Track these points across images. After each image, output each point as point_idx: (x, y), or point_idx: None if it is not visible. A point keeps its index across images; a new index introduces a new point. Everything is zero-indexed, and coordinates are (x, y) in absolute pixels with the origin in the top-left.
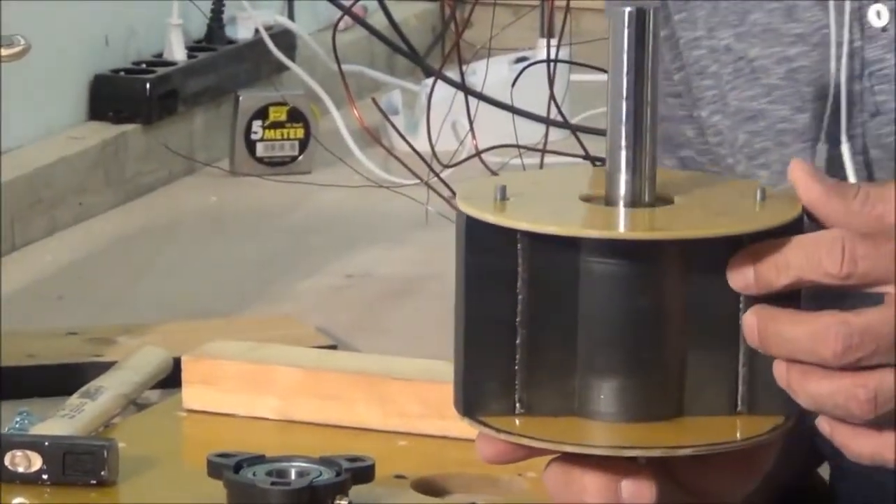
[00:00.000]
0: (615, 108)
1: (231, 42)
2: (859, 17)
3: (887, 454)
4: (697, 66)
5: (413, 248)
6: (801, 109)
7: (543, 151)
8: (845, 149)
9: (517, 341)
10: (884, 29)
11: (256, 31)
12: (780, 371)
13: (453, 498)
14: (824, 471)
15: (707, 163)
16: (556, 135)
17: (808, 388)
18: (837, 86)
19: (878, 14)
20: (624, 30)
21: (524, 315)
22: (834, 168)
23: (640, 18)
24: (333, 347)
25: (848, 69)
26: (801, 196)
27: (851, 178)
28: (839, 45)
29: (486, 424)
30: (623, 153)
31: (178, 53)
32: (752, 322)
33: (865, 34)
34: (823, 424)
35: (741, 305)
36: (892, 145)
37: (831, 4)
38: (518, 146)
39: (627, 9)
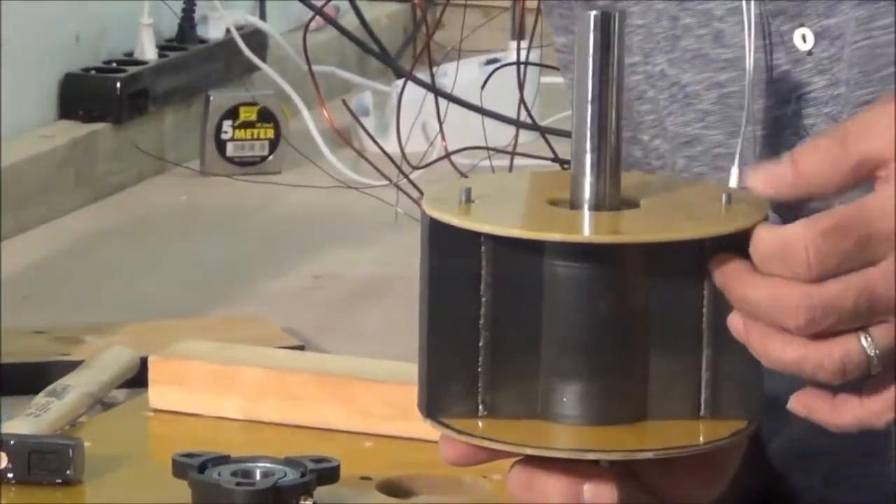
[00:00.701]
0: (580, 111)
1: (202, 42)
2: (783, 41)
3: (876, 422)
4: (636, 92)
5: (381, 250)
6: (735, 134)
7: (513, 154)
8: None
9: (480, 343)
10: (809, 52)
11: (228, 30)
12: (737, 326)
13: (418, 499)
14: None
15: None
16: (526, 137)
17: (771, 353)
18: (765, 110)
19: (804, 37)
20: (589, 33)
21: (488, 317)
22: None
23: (605, 22)
24: (301, 348)
25: (775, 93)
26: (775, 191)
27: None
28: (767, 69)
29: (448, 426)
30: (588, 157)
31: (149, 53)
32: (718, 280)
33: (792, 58)
34: (799, 408)
35: (705, 310)
36: None
37: (749, 29)
38: (487, 148)
39: (593, 12)
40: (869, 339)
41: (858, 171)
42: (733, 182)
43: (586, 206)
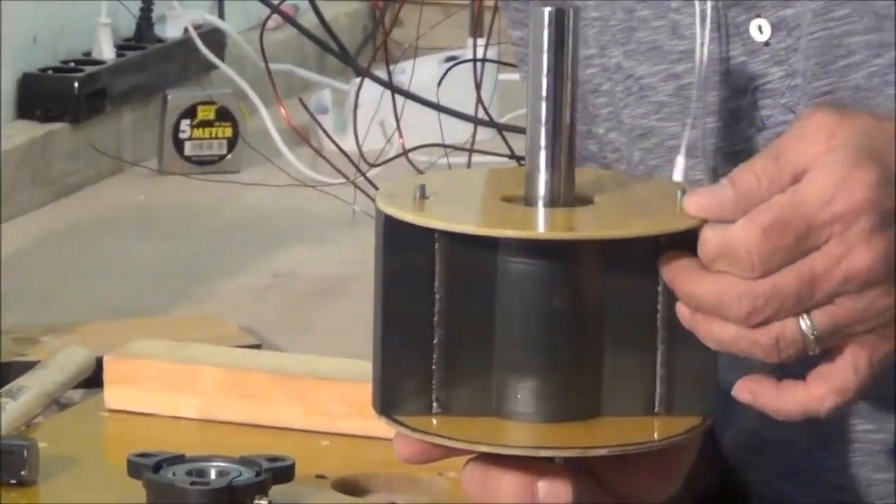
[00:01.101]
0: (534, 108)
1: (160, 41)
2: (740, 32)
3: (820, 408)
4: (591, 85)
5: (339, 248)
6: (691, 126)
7: (471, 151)
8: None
9: (435, 341)
10: (766, 43)
11: (186, 29)
12: (683, 313)
13: (374, 497)
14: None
15: None
16: (485, 134)
17: (712, 332)
18: (722, 101)
19: (760, 28)
20: (543, 29)
21: (442, 314)
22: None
23: (559, 18)
24: (257, 347)
25: (731, 85)
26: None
27: None
28: (723, 60)
29: (402, 424)
30: (542, 153)
31: (107, 52)
32: (666, 277)
33: (748, 49)
34: (744, 394)
35: (659, 306)
36: None
37: (705, 18)
38: (444, 145)
39: (547, 8)
40: (808, 320)
41: (796, 182)
42: (678, 172)
43: (541, 203)
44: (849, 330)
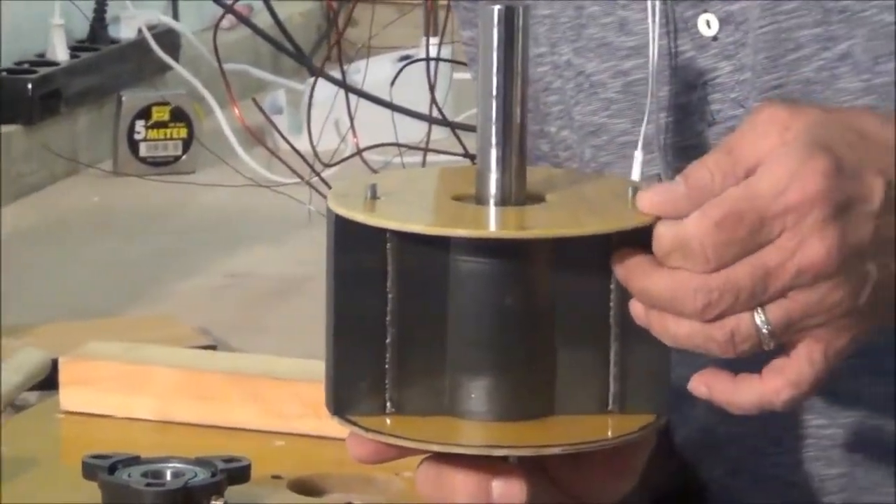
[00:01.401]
0: (485, 106)
1: (114, 42)
2: (688, 27)
3: (775, 400)
4: (543, 83)
5: (294, 248)
6: (640, 122)
7: (425, 150)
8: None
9: (387, 340)
10: (714, 38)
11: (140, 30)
12: (637, 311)
13: (330, 498)
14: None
15: None
16: (440, 133)
17: (667, 328)
18: (672, 96)
19: (708, 23)
20: (493, 28)
21: (394, 314)
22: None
23: (508, 16)
24: (213, 347)
25: (681, 80)
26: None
27: None
28: (672, 56)
29: (355, 424)
30: (493, 151)
31: (61, 53)
32: (619, 274)
33: (697, 44)
34: (700, 387)
35: (611, 304)
36: None
37: (655, 12)
38: (398, 144)
39: (496, 7)
40: (762, 315)
41: (749, 176)
42: (636, 167)
43: (492, 202)
44: (803, 324)
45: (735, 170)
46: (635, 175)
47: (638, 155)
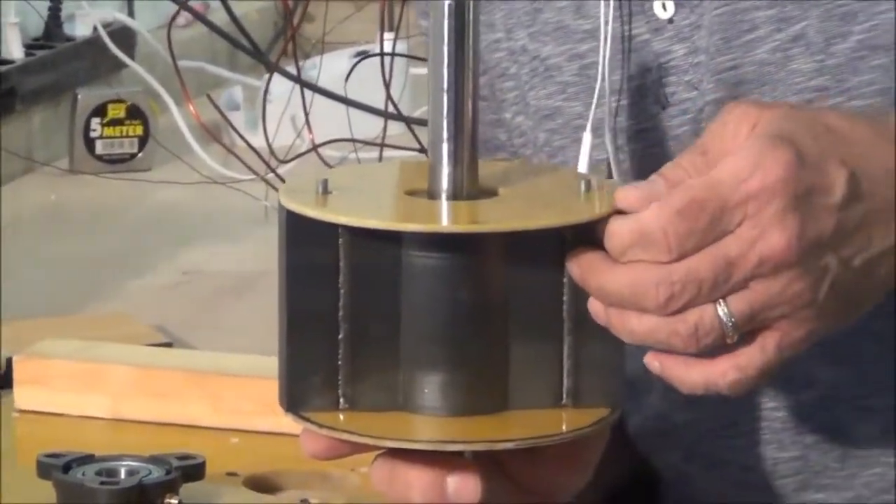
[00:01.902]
0: (436, 100)
1: (69, 39)
2: (644, 9)
3: (720, 381)
4: (499, 69)
5: (250, 245)
6: (596, 104)
7: (381, 145)
8: (608, 139)
9: (340, 336)
10: (670, 20)
11: (95, 28)
12: (596, 309)
13: (285, 494)
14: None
15: None
16: (397, 128)
17: (629, 326)
18: (627, 79)
19: (664, 6)
20: (444, 22)
21: (346, 309)
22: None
23: (459, 10)
24: (168, 345)
25: (636, 63)
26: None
27: (616, 175)
28: (627, 39)
29: (309, 420)
30: (444, 146)
31: (16, 51)
32: (575, 273)
33: (652, 26)
34: (653, 362)
35: (565, 298)
36: (682, 137)
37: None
38: (354, 140)
39: (447, 1)
40: (725, 307)
41: None
42: (584, 150)
43: (444, 196)
44: (765, 315)
45: (709, 168)
46: (583, 158)
47: (587, 137)
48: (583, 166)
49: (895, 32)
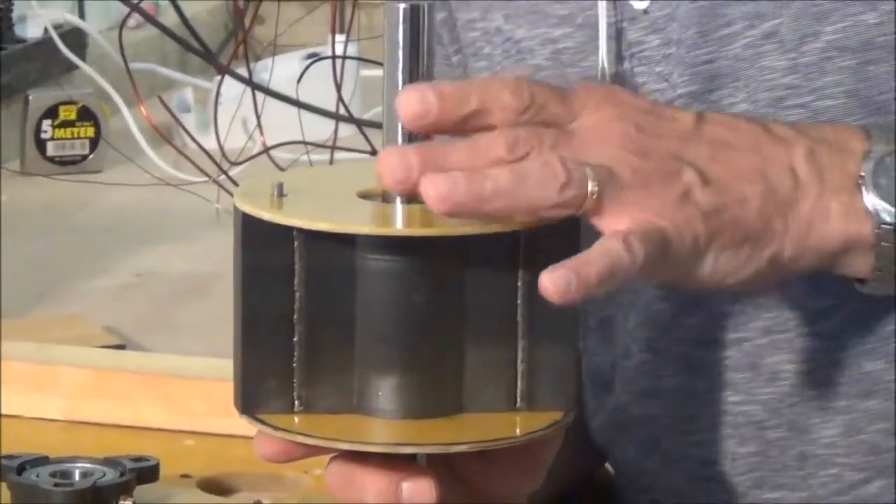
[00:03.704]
0: (391, 104)
1: (20, 41)
2: None
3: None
4: (473, 48)
5: (203, 246)
6: None
7: (333, 148)
8: None
9: (295, 338)
10: (645, 11)
11: (46, 29)
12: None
13: (239, 496)
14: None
15: None
16: (348, 130)
17: (483, 183)
18: (602, 68)
19: None
20: (399, 26)
21: (302, 312)
22: None
23: (414, 15)
24: (122, 347)
25: (609, 51)
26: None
27: None
28: (602, 26)
29: (263, 422)
30: None
31: None
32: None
33: (627, 16)
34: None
35: (519, 301)
36: None
37: None
38: (305, 143)
39: (402, 5)
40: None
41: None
42: None
43: (398, 200)
44: (621, 179)
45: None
46: None
47: None
48: None
49: (864, 35)
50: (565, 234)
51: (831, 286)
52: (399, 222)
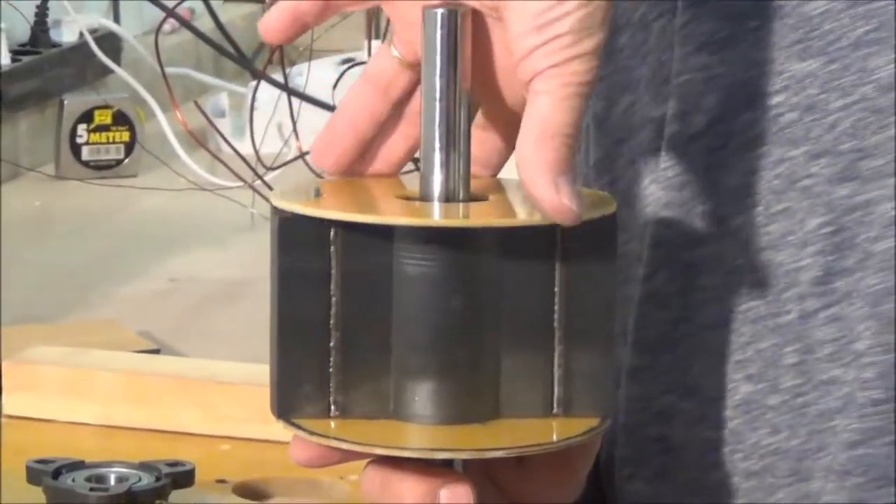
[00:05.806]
0: (428, 109)
1: (55, 46)
2: None
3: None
4: None
5: (238, 251)
6: None
7: None
8: None
9: (331, 343)
10: None
11: (81, 34)
12: None
13: (274, 501)
14: None
15: None
16: None
17: None
18: None
19: None
20: (436, 31)
21: (338, 316)
22: None
23: (451, 20)
24: (157, 352)
25: None
26: None
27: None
28: None
29: (300, 427)
30: (437, 155)
31: (2, 57)
32: None
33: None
34: None
35: (556, 306)
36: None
37: None
38: None
39: (440, 10)
40: None
41: None
42: None
43: (436, 199)
44: None
45: None
46: None
47: None
48: None
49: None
50: (602, 231)
51: None
52: (437, 215)
